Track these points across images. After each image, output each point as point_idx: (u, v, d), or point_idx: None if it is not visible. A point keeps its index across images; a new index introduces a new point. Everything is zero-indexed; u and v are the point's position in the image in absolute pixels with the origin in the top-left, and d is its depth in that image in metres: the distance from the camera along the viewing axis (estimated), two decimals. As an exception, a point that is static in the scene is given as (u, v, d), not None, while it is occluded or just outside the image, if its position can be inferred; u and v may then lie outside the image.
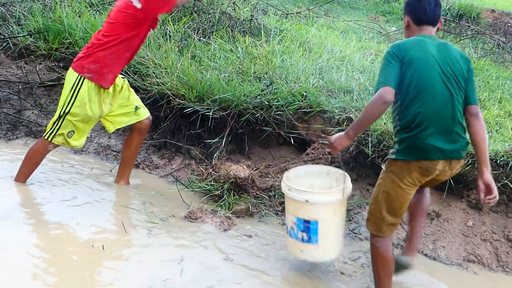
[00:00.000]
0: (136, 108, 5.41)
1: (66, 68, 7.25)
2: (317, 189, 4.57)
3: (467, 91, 3.93)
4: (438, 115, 3.80)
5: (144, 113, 5.47)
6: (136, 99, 5.47)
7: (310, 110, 6.05)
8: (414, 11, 4.06)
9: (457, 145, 3.87)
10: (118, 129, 5.76)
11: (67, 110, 5.07)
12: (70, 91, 5.04)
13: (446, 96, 3.82)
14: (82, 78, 5.03)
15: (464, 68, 3.93)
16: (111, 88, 5.19)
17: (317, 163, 5.70)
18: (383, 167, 4.08)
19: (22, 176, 5.36)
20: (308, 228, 4.31)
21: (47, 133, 5.18)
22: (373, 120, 4.00)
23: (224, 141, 6.01)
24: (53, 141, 5.19)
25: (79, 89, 5.03)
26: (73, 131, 5.18)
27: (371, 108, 3.84)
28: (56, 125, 5.14)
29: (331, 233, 4.37)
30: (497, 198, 3.92)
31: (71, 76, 5.08)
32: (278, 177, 5.71)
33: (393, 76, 3.81)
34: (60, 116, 5.11)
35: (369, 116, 3.88)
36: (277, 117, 6.05)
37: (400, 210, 3.99)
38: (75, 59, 5.13)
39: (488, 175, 3.91)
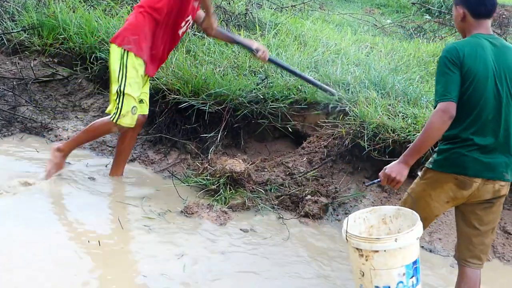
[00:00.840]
0: (141, 101, 5.40)
1: (60, 64, 7.25)
2: (366, 235, 3.90)
3: None
4: (483, 131, 3.62)
5: (144, 109, 5.46)
6: (145, 93, 5.46)
7: (305, 103, 6.05)
8: (472, 2, 3.72)
9: (500, 162, 3.66)
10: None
11: (124, 84, 5.08)
12: (120, 66, 5.09)
13: (496, 113, 3.61)
14: (125, 51, 5.09)
15: None
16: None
17: (313, 158, 5.70)
18: (419, 173, 3.90)
19: (77, 142, 5.48)
20: (416, 270, 3.69)
21: (112, 116, 5.16)
22: (436, 140, 3.65)
23: (219, 136, 6.00)
24: (118, 123, 5.16)
25: (126, 61, 5.09)
26: (135, 106, 5.19)
27: (435, 125, 3.56)
28: (119, 105, 5.12)
29: None
30: None
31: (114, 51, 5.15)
32: (274, 171, 5.71)
33: (455, 89, 3.56)
34: (118, 95, 5.09)
35: (432, 135, 3.59)
36: (272, 111, 6.04)
37: (424, 222, 3.69)
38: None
39: None
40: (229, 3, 8.45)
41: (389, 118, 5.49)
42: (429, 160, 3.81)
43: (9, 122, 6.55)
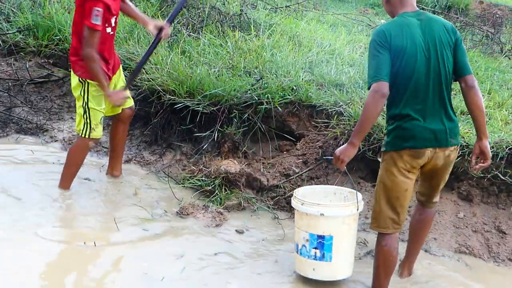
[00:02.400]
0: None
1: (55, 65, 7.26)
2: None
3: (459, 61, 3.92)
4: (420, 103, 3.82)
5: (128, 103, 5.47)
6: (122, 87, 5.44)
7: (300, 103, 6.06)
8: None
9: (441, 129, 3.88)
10: (104, 124, 5.69)
11: (86, 101, 5.09)
12: (80, 91, 5.10)
13: (431, 84, 3.84)
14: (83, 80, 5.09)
15: (451, 41, 3.90)
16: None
17: (308, 158, 5.72)
18: (379, 159, 4.08)
19: (67, 181, 5.33)
20: (322, 245, 4.20)
21: (82, 132, 5.15)
22: (374, 119, 3.85)
23: (214, 136, 6.00)
24: (91, 137, 5.16)
25: (86, 87, 5.10)
26: (102, 116, 5.21)
27: (370, 106, 3.76)
28: (87, 120, 5.12)
29: (345, 249, 4.28)
30: (489, 164, 4.12)
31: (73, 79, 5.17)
32: (269, 172, 5.72)
33: (385, 69, 3.76)
34: (85, 111, 5.10)
35: (370, 115, 3.78)
36: (267, 111, 6.04)
37: (397, 201, 3.93)
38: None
39: (486, 142, 4.02)
40: (224, 4, 8.45)
41: (383, 118, 5.50)
42: (383, 144, 4.01)
43: (5, 123, 6.56)
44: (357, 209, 4.24)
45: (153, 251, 4.56)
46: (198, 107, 5.98)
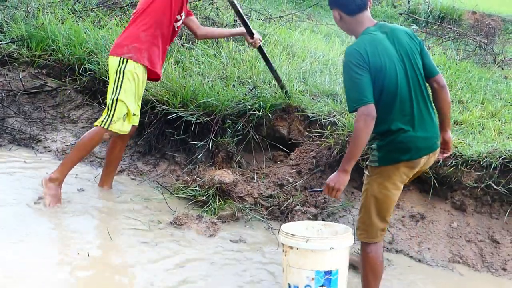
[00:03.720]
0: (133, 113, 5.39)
1: (49, 75, 7.26)
2: None
3: (427, 64, 3.94)
4: (412, 114, 3.81)
5: (135, 121, 5.45)
6: (138, 106, 5.44)
7: (293, 113, 6.07)
8: (342, 3, 3.85)
9: (434, 131, 3.94)
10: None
11: (118, 92, 5.09)
12: (116, 73, 5.11)
13: (414, 93, 3.83)
14: (124, 59, 5.13)
15: (416, 46, 3.91)
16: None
17: (302, 168, 5.72)
18: (366, 172, 4.01)
19: (70, 163, 5.29)
20: (329, 281, 3.87)
21: (102, 122, 5.14)
22: (365, 143, 3.73)
23: (208, 146, 6.00)
24: (110, 128, 5.15)
25: (125, 68, 5.11)
26: (127, 112, 5.18)
27: (361, 130, 3.66)
28: (111, 111, 5.12)
29: (345, 279, 4.04)
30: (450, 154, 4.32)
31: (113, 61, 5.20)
32: (263, 182, 5.71)
33: (369, 90, 3.68)
34: (112, 102, 5.10)
35: (362, 140, 3.69)
36: (259, 118, 6.05)
37: (387, 212, 3.95)
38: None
39: (449, 133, 4.15)
40: (218, 14, 8.48)
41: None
42: (371, 159, 3.93)
43: (-2, 133, 6.55)
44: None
45: (147, 261, 4.54)
46: (192, 117, 5.98)
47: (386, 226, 4.02)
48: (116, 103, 5.11)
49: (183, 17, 5.38)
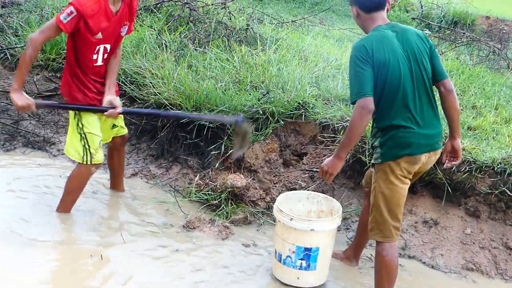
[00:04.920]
0: (114, 126, 5.30)
1: (63, 78, 7.26)
2: (296, 213, 4.63)
3: (436, 67, 4.04)
4: (409, 112, 3.91)
5: (120, 131, 5.37)
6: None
7: (306, 118, 6.06)
8: (360, 0, 4.05)
9: (432, 134, 4.01)
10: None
11: (81, 126, 4.94)
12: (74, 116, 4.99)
13: (417, 92, 3.93)
14: None
15: (426, 48, 4.02)
16: None
17: (313, 173, 5.71)
18: (373, 171, 4.13)
19: (67, 206, 5.15)
20: (308, 256, 4.38)
21: (84, 159, 4.94)
22: (360, 134, 3.94)
23: (221, 150, 6.00)
24: (94, 162, 4.97)
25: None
26: (101, 140, 5.03)
27: (357, 121, 3.84)
28: (85, 145, 4.93)
29: (327, 258, 4.50)
30: (459, 162, 4.38)
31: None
32: (276, 186, 5.72)
33: (369, 84, 3.82)
34: (82, 136, 4.94)
35: (356, 131, 3.87)
36: (274, 125, 6.05)
37: (398, 209, 4.01)
38: None
39: (459, 140, 4.19)
40: (230, 19, 8.48)
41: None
42: (375, 157, 4.06)
43: (12, 136, 6.57)
44: (340, 221, 4.45)
45: (159, 264, 4.56)
46: (204, 122, 5.98)
47: (399, 225, 4.07)
48: (86, 136, 4.92)
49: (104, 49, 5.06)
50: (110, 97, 4.94)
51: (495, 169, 5.06)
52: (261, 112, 6.02)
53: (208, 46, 7.50)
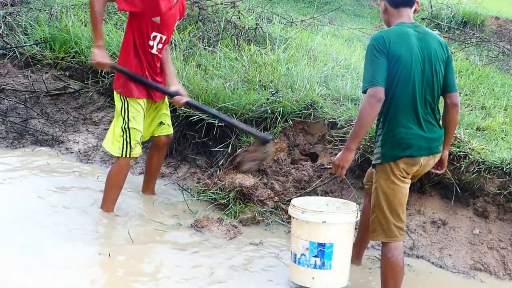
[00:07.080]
0: (161, 123, 5.43)
1: (72, 77, 7.31)
2: None
3: (448, 78, 4.07)
4: (418, 114, 3.93)
5: (167, 130, 5.50)
6: (165, 115, 5.48)
7: (314, 117, 6.05)
8: None
9: (434, 137, 4.04)
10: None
11: (127, 121, 5.05)
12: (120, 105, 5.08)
13: (424, 95, 3.96)
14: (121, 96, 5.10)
15: (444, 56, 4.04)
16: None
17: (323, 172, 5.71)
18: (374, 171, 4.12)
19: (110, 204, 5.24)
20: (322, 253, 4.25)
21: (122, 152, 5.07)
22: (370, 124, 3.93)
23: (229, 150, 6.00)
24: (132, 156, 5.11)
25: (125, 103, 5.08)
26: (141, 135, 5.17)
27: (366, 110, 3.85)
28: (127, 139, 5.06)
29: (344, 257, 4.36)
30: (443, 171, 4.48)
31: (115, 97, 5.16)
32: (285, 186, 5.71)
33: (382, 74, 3.83)
34: (125, 131, 5.04)
35: (366, 120, 3.87)
36: (282, 125, 6.04)
37: (400, 208, 4.01)
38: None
39: (447, 153, 4.32)
40: (239, 18, 8.48)
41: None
42: (375, 157, 4.07)
43: (21, 134, 6.61)
44: (357, 217, 4.35)
45: (167, 263, 4.56)
46: (213, 120, 5.99)
47: (402, 225, 4.06)
48: (129, 131, 5.06)
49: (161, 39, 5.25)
50: (178, 86, 5.29)
51: (504, 170, 5.04)
52: (270, 112, 6.02)
53: (217, 45, 7.51)
